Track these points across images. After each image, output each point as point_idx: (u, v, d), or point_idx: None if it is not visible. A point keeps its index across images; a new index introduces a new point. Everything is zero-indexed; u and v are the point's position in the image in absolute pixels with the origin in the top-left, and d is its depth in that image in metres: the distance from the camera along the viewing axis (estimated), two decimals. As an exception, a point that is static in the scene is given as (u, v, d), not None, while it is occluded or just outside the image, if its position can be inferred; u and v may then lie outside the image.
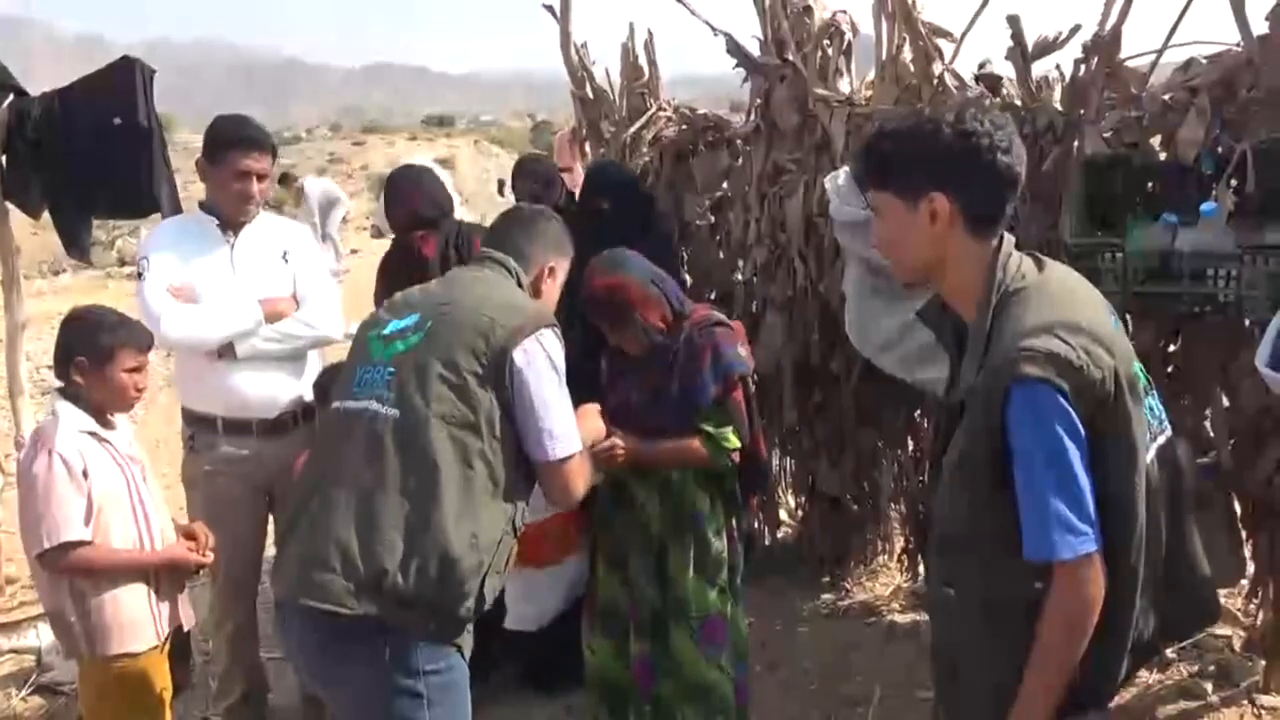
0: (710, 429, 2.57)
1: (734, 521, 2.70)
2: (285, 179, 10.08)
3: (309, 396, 3.04)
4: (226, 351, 2.90)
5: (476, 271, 2.18)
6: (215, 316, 2.88)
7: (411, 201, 3.49)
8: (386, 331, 2.04)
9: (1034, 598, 1.60)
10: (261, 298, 2.92)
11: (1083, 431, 1.52)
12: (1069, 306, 1.59)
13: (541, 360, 1.97)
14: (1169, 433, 1.75)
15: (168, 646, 2.59)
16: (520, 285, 2.15)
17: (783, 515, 4.43)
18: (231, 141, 2.93)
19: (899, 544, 4.05)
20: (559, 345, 2.03)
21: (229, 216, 2.98)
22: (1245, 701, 3.08)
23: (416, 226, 3.45)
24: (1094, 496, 1.53)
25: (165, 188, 4.45)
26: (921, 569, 3.93)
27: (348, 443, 1.94)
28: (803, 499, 4.22)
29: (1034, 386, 1.49)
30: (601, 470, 2.48)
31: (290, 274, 3.01)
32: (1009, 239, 1.64)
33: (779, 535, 4.36)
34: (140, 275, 2.92)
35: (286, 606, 1.95)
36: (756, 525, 4.13)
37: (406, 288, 3.43)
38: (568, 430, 2.01)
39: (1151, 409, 1.70)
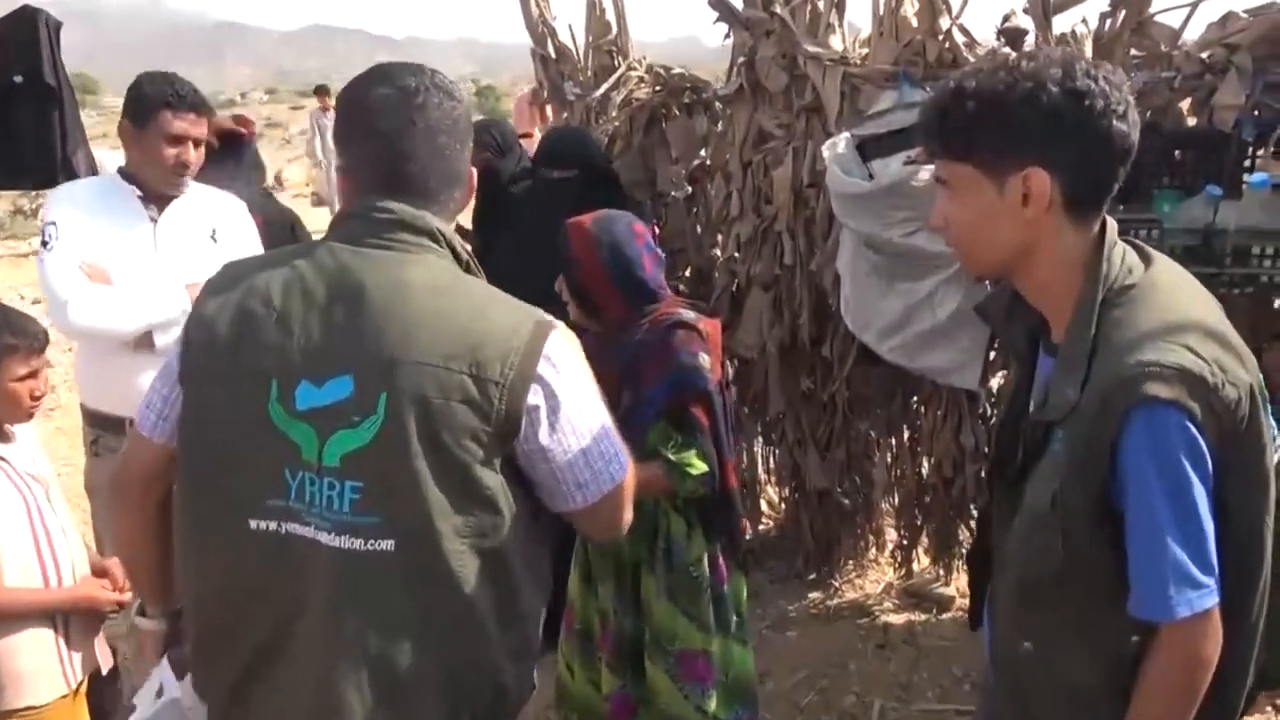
0: (670, 455, 2.15)
1: (719, 548, 2.31)
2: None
3: None
4: (143, 343, 2.51)
5: (394, 267, 1.34)
6: (134, 302, 2.49)
7: None
8: (302, 406, 1.31)
9: (1131, 655, 1.33)
10: (188, 283, 2.53)
11: (1210, 463, 1.24)
12: (1188, 307, 1.30)
13: (562, 388, 1.36)
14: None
15: (84, 690, 2.24)
16: (457, 255, 1.41)
17: (764, 507, 4.15)
18: (162, 100, 2.53)
19: (890, 539, 3.80)
20: (570, 344, 1.43)
21: (156, 188, 2.60)
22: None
23: None
24: (1216, 537, 1.26)
25: (81, 152, 4.02)
26: (916, 566, 3.71)
27: (303, 582, 1.32)
28: (786, 491, 3.94)
29: (1160, 410, 1.20)
30: None
31: (219, 256, 2.60)
32: (1112, 224, 1.34)
33: (760, 529, 4.09)
34: (45, 244, 2.51)
35: None
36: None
37: None
38: (609, 453, 1.42)
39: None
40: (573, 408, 1.37)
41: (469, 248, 1.45)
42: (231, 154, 3.43)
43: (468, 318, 1.33)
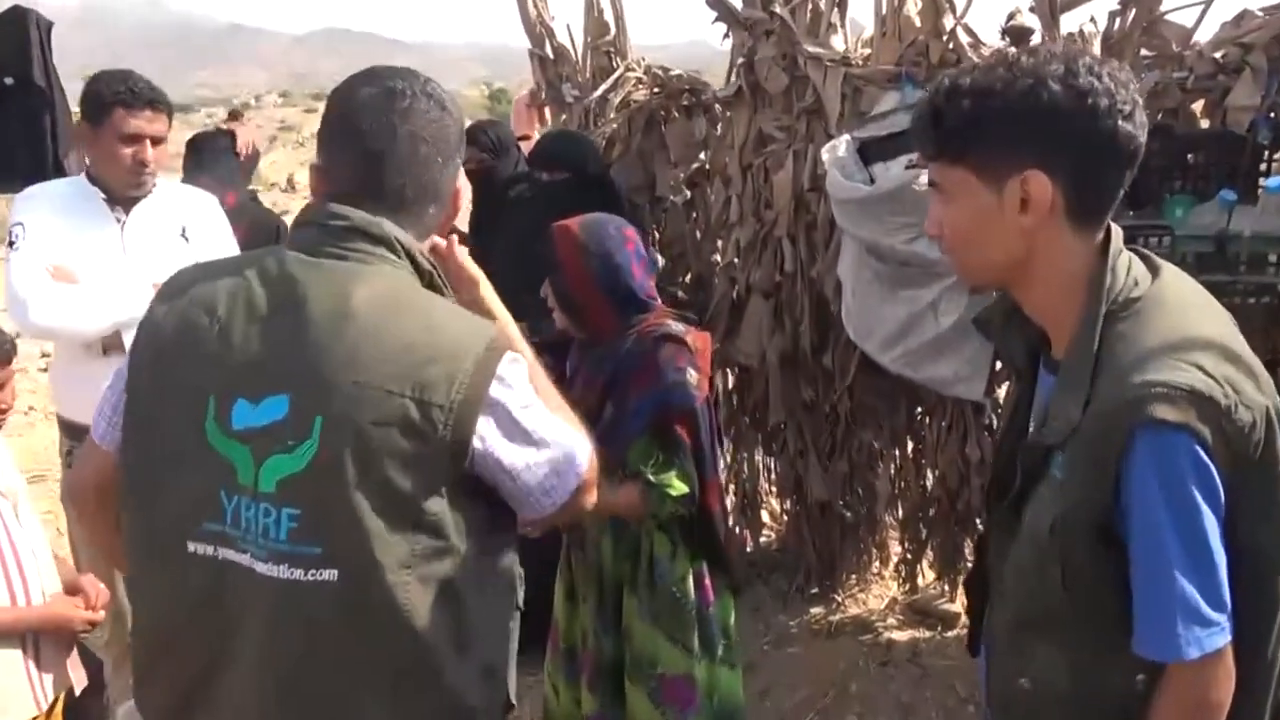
0: (650, 475, 2.05)
1: (706, 570, 2.21)
2: None
3: None
4: (113, 345, 2.46)
5: (344, 279, 1.24)
6: (98, 301, 2.44)
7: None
8: (238, 426, 1.22)
9: (1137, 696, 1.24)
10: (156, 282, 2.49)
11: (1222, 492, 1.15)
12: (1199, 322, 1.21)
13: (519, 406, 1.28)
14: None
15: (58, 708, 2.17)
16: (418, 267, 1.32)
17: (765, 519, 4.05)
18: (116, 98, 2.47)
19: (895, 553, 3.70)
20: (520, 370, 1.30)
21: (118, 190, 2.54)
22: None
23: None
24: (1229, 571, 1.17)
25: (74, 154, 3.99)
26: (920, 581, 3.61)
27: (240, 611, 1.24)
28: (788, 503, 3.85)
29: (1168, 435, 1.11)
30: None
31: (190, 255, 2.56)
32: (1117, 232, 1.25)
33: (761, 542, 4.00)
34: (12, 244, 2.46)
35: None
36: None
37: None
38: (571, 455, 1.32)
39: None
40: (532, 424, 1.28)
41: (434, 260, 1.37)
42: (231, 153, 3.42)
43: (416, 336, 1.22)
